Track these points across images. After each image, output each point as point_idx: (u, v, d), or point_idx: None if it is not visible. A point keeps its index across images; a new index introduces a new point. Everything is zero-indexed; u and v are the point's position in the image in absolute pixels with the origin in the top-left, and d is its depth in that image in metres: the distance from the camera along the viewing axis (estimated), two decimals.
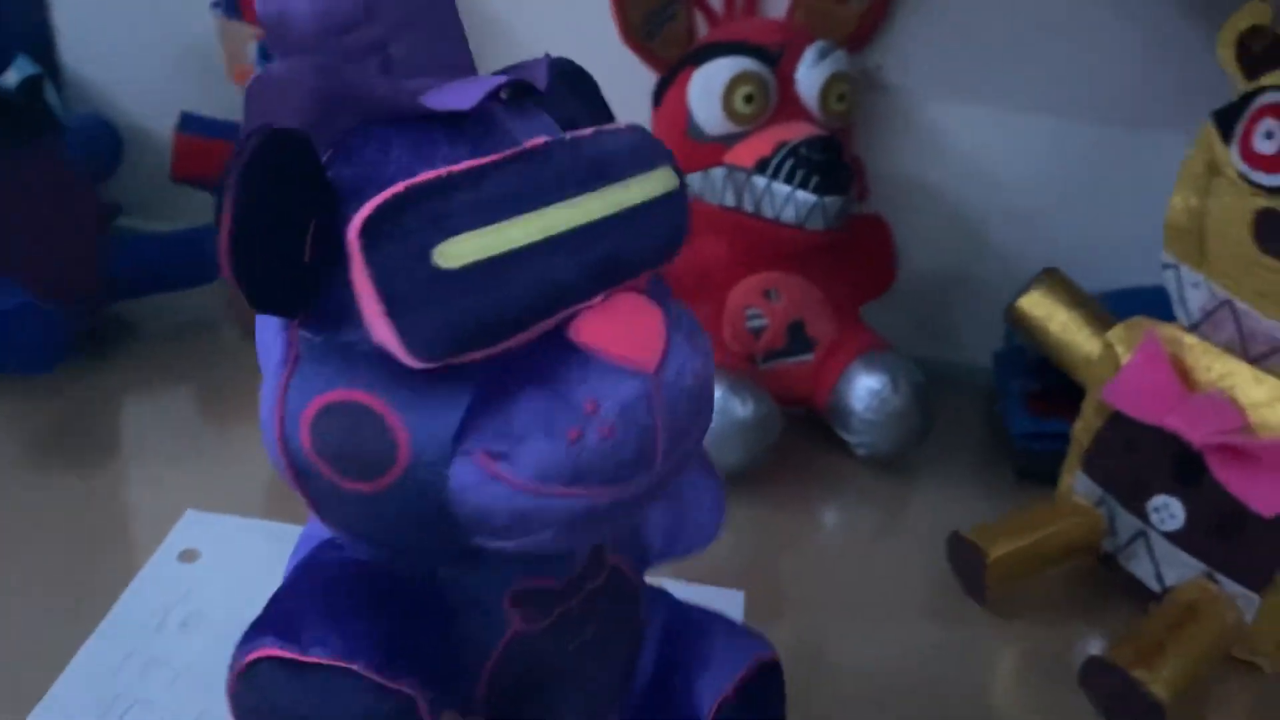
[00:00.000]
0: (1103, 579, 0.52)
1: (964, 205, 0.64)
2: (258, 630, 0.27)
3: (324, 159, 0.25)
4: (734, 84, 0.55)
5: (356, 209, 0.23)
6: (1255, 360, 0.45)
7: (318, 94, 0.24)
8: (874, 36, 0.61)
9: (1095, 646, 0.49)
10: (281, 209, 0.23)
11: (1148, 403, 0.47)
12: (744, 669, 0.34)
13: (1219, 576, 0.47)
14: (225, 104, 0.65)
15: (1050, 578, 0.52)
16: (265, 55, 0.24)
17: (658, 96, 0.58)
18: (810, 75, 0.56)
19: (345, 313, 0.24)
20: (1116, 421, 0.49)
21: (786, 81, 0.56)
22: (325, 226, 0.24)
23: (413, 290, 0.22)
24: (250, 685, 0.26)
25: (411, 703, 0.26)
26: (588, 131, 0.26)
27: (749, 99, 0.55)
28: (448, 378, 0.24)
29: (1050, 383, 0.56)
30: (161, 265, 0.64)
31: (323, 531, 0.30)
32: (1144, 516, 0.49)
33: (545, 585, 0.29)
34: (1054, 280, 0.54)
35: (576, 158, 0.25)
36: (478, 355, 0.23)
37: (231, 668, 0.27)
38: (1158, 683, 0.44)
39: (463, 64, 0.28)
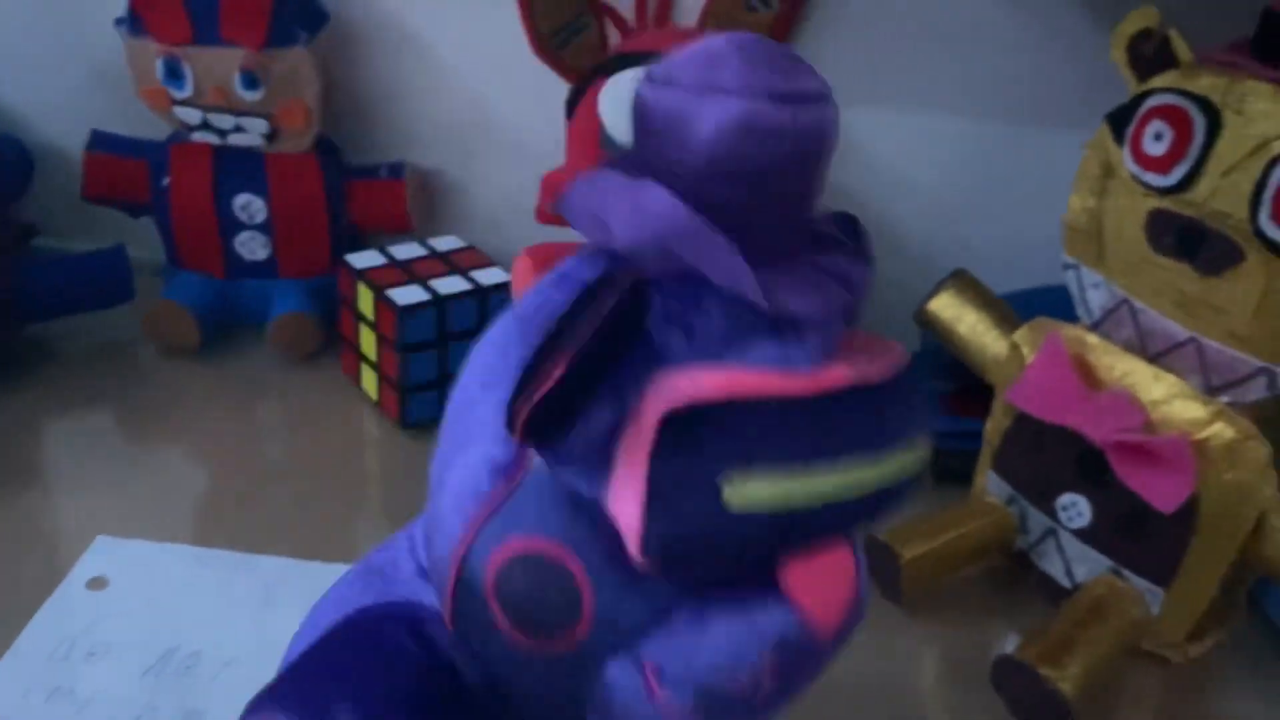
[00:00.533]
0: (1016, 577, 0.53)
1: (876, 208, 0.64)
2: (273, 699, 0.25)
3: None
4: None
5: (652, 369, 0.22)
6: (1154, 358, 0.46)
7: (670, 238, 0.22)
8: (785, 40, 0.61)
9: (1010, 644, 0.49)
10: (613, 354, 0.22)
11: (1051, 403, 0.47)
12: None
13: (1125, 572, 0.48)
14: (136, 122, 0.64)
15: (965, 577, 0.53)
16: (636, 147, 0.22)
17: (570, 108, 0.58)
18: None
19: (594, 465, 0.22)
20: (1024, 421, 0.50)
21: None
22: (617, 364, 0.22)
23: (685, 507, 0.22)
24: None
25: None
26: (880, 376, 0.24)
27: None
28: (658, 579, 0.23)
29: (966, 382, 0.57)
30: (76, 286, 0.63)
31: (381, 579, 0.29)
32: (1053, 514, 0.50)
33: None
34: (963, 282, 0.54)
35: (873, 415, 0.23)
36: (700, 575, 0.23)
37: None
38: (1065, 680, 0.44)
39: (801, 238, 0.25)
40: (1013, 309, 0.53)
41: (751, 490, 0.21)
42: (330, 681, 0.26)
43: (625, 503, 0.22)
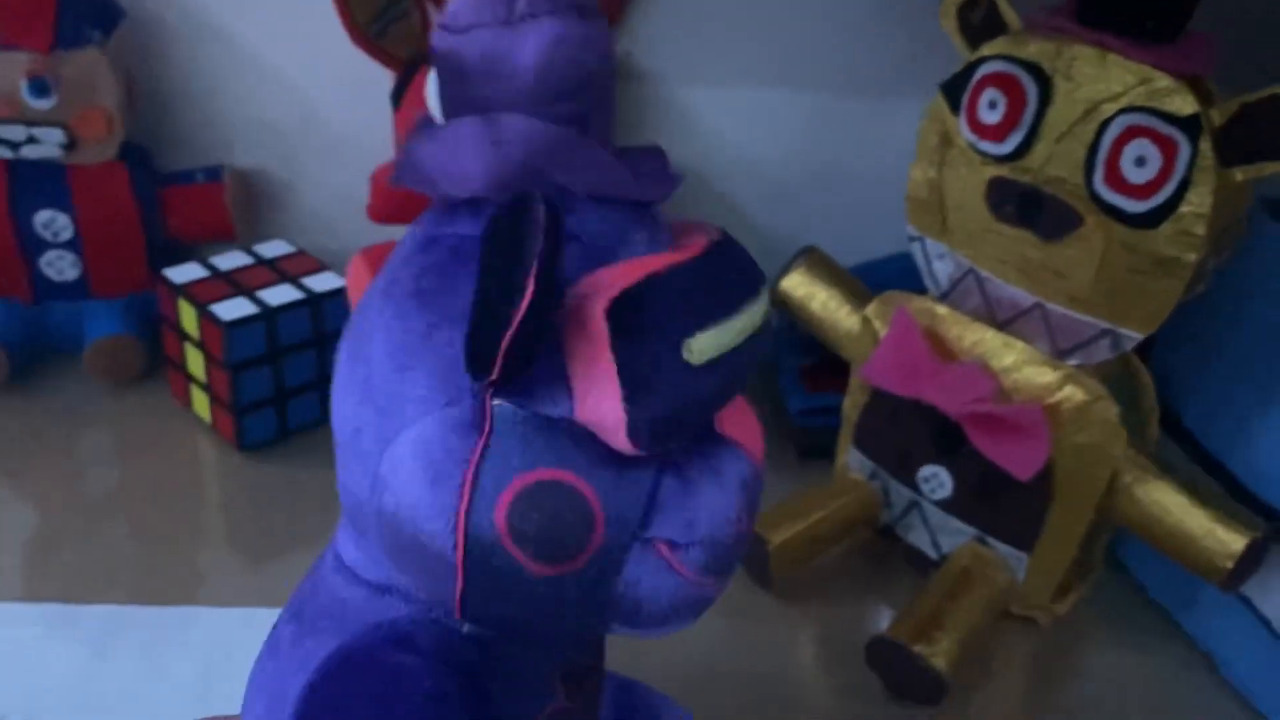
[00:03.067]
0: (884, 552, 0.53)
1: (722, 187, 0.63)
2: None
3: None
4: None
5: (570, 280, 0.23)
6: (1003, 325, 0.46)
7: (542, 154, 0.24)
8: (618, 23, 0.59)
9: (883, 620, 0.49)
10: (555, 276, 0.23)
11: (903, 377, 0.47)
12: None
13: (989, 539, 0.48)
14: None
15: (834, 556, 0.52)
16: (448, 100, 0.22)
17: (396, 98, 0.55)
18: None
19: (550, 385, 0.24)
20: (880, 396, 0.50)
21: None
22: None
23: (658, 381, 0.23)
24: None
25: None
26: (721, 236, 0.26)
27: None
28: (640, 461, 0.24)
29: (824, 356, 0.56)
30: None
31: (332, 621, 0.27)
32: (915, 487, 0.50)
33: (583, 663, 0.29)
34: (813, 259, 0.53)
35: (743, 258, 0.26)
36: (675, 445, 0.24)
37: None
38: (938, 655, 0.44)
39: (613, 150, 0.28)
40: (864, 281, 0.53)
41: (705, 343, 0.23)
42: (361, 717, 0.25)
43: (602, 400, 0.23)
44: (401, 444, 0.24)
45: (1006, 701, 0.47)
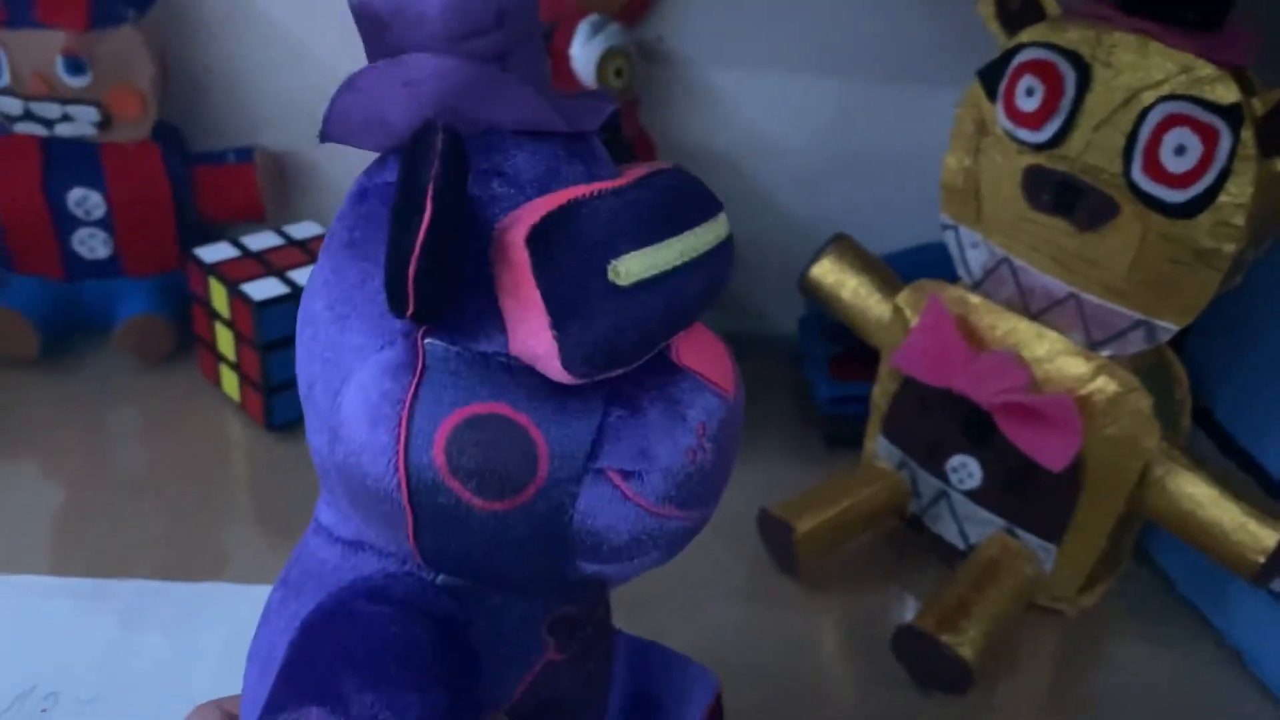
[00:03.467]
0: (911, 541, 0.53)
1: (753, 173, 0.63)
2: (298, 698, 0.25)
3: None
4: None
5: (490, 216, 0.23)
6: (1036, 315, 0.46)
7: (455, 95, 0.24)
8: (651, 8, 0.59)
9: (909, 609, 0.49)
10: (459, 206, 0.22)
11: (935, 366, 0.47)
12: (710, 700, 0.36)
13: (1018, 530, 0.48)
14: None
15: (860, 545, 0.52)
16: (369, 52, 0.22)
17: None
18: (584, 52, 0.54)
19: (481, 322, 0.24)
20: (910, 385, 0.49)
21: (560, 58, 0.54)
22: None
23: (584, 304, 0.23)
24: None
25: None
26: (665, 166, 0.26)
27: None
28: (584, 392, 0.24)
29: (853, 345, 0.56)
30: None
31: (314, 580, 0.28)
32: (944, 477, 0.49)
33: (573, 613, 0.29)
34: (843, 246, 0.53)
35: (692, 186, 0.25)
36: (617, 372, 0.24)
37: None
38: (964, 645, 0.44)
39: (547, 81, 0.27)
40: (895, 270, 0.53)
41: (633, 264, 0.23)
42: (347, 665, 0.25)
43: (532, 330, 0.23)
44: (345, 393, 0.25)
45: (1031, 693, 0.47)
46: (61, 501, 0.52)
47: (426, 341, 0.24)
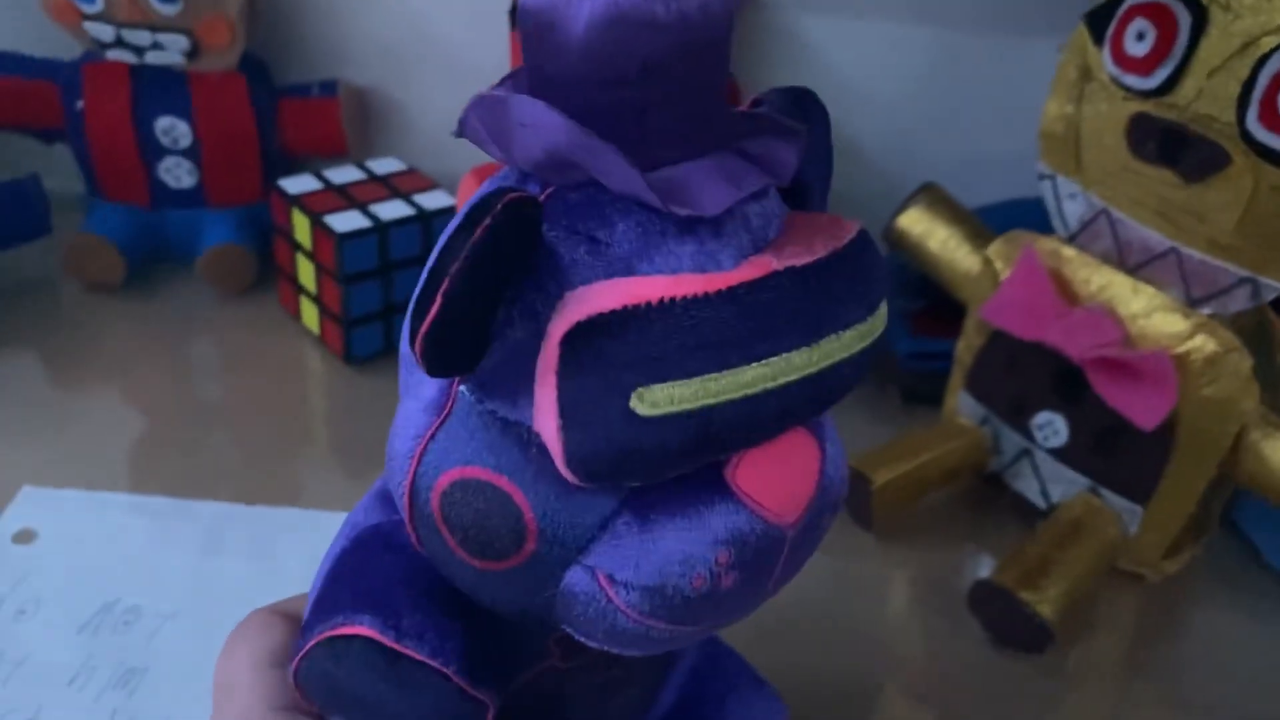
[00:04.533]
0: (989, 499, 0.52)
1: (840, 121, 0.61)
2: (351, 606, 0.26)
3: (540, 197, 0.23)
4: None
5: (561, 285, 0.22)
6: (1133, 270, 0.44)
7: (559, 151, 0.22)
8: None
9: (984, 568, 0.48)
10: (501, 276, 0.21)
11: (1027, 319, 0.45)
12: None
13: (1103, 490, 0.47)
14: (39, 40, 0.59)
15: (937, 501, 0.51)
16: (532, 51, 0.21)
17: (514, 17, 0.55)
18: None
19: (514, 388, 0.22)
20: (998, 339, 0.48)
21: None
22: (521, 285, 0.22)
23: (597, 421, 0.21)
24: (335, 660, 0.26)
25: (485, 711, 0.26)
26: (813, 257, 0.22)
27: None
28: (595, 490, 0.23)
29: (934, 300, 0.55)
30: None
31: (382, 501, 0.29)
32: (1028, 434, 0.48)
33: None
34: (932, 196, 0.52)
35: (801, 301, 0.22)
36: (634, 484, 0.23)
37: (307, 633, 0.27)
38: (1044, 603, 0.43)
39: (718, 130, 0.24)
40: (984, 223, 0.51)
41: (662, 395, 0.21)
42: (399, 585, 0.26)
43: (545, 421, 0.22)
44: (404, 399, 0.25)
45: (1107, 657, 0.46)
46: (142, 427, 0.53)
47: (460, 389, 0.24)
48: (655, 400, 0.21)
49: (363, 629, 0.25)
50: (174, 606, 0.43)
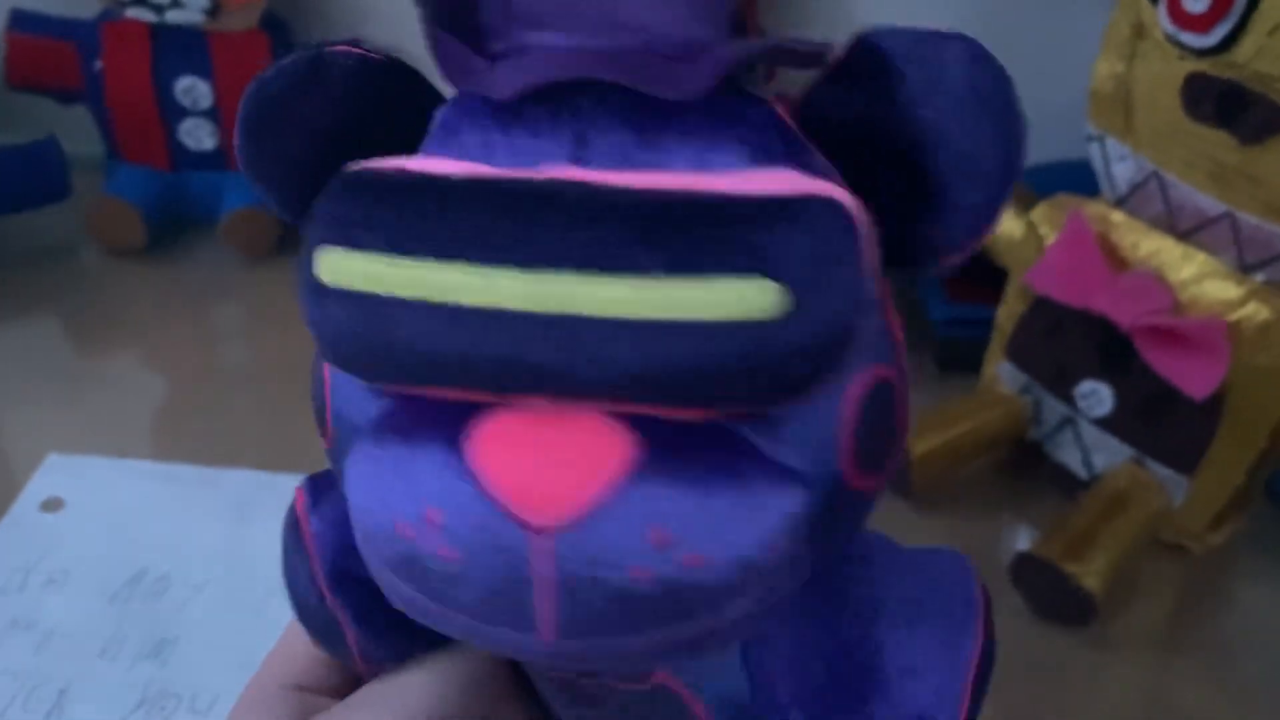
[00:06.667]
0: (1027, 469, 0.51)
1: None
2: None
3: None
4: None
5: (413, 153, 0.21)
6: (1184, 235, 0.43)
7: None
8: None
9: (1024, 538, 0.48)
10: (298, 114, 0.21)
11: (1073, 285, 0.44)
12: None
13: (1148, 461, 0.46)
14: None
15: (976, 470, 0.51)
16: None
17: None
18: None
19: None
20: (1041, 306, 0.47)
21: None
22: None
23: (305, 283, 0.19)
24: None
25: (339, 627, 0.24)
26: (632, 185, 0.18)
27: None
28: (363, 385, 0.21)
29: (971, 264, 0.54)
30: (6, 183, 0.58)
31: None
32: (1071, 402, 0.47)
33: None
34: None
35: (545, 214, 0.17)
36: (380, 384, 0.19)
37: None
38: (1089, 575, 0.42)
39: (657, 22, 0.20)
40: (1028, 186, 0.50)
41: (328, 261, 0.18)
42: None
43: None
44: None
45: (1151, 630, 0.45)
46: (166, 393, 0.53)
47: None
48: (328, 267, 0.18)
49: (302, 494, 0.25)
50: (204, 576, 0.42)
